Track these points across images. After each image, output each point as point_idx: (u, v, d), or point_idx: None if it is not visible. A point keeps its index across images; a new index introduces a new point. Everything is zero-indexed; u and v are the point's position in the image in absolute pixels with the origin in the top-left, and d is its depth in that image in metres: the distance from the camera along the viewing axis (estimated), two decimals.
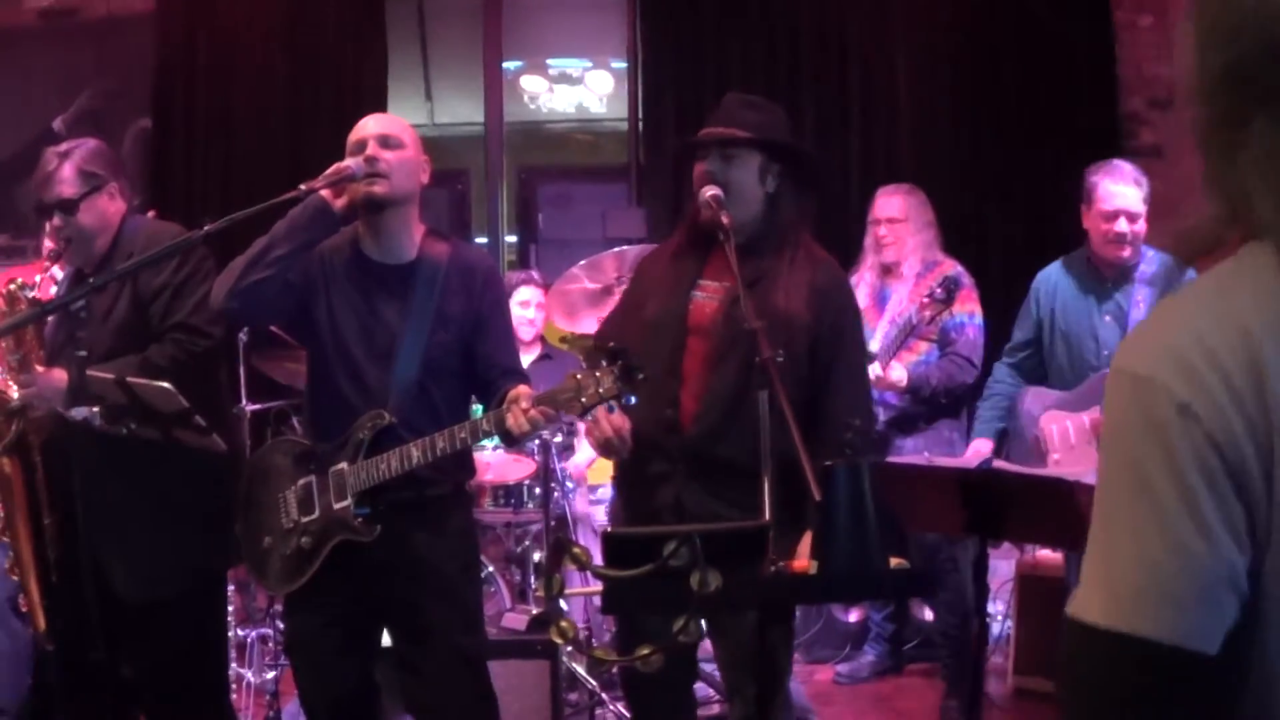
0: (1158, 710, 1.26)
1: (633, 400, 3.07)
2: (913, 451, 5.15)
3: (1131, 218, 4.49)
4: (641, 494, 3.46)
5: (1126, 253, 4.52)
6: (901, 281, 5.30)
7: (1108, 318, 4.55)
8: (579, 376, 3.08)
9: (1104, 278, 4.63)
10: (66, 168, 3.61)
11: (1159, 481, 1.23)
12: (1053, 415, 4.56)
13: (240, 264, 3.35)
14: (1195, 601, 1.23)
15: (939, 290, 4.89)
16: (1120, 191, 4.49)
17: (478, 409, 3.89)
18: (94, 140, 3.79)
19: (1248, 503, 1.22)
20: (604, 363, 3.03)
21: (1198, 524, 1.22)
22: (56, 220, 3.62)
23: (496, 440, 5.46)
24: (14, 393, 3.43)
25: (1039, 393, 4.72)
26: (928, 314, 4.96)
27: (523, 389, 3.26)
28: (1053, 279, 4.79)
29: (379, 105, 7.37)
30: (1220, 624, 1.23)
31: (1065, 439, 4.51)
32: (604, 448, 3.37)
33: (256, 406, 5.52)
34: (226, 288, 3.34)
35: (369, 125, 3.48)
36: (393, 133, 3.46)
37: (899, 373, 5.05)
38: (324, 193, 3.35)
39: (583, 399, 3.06)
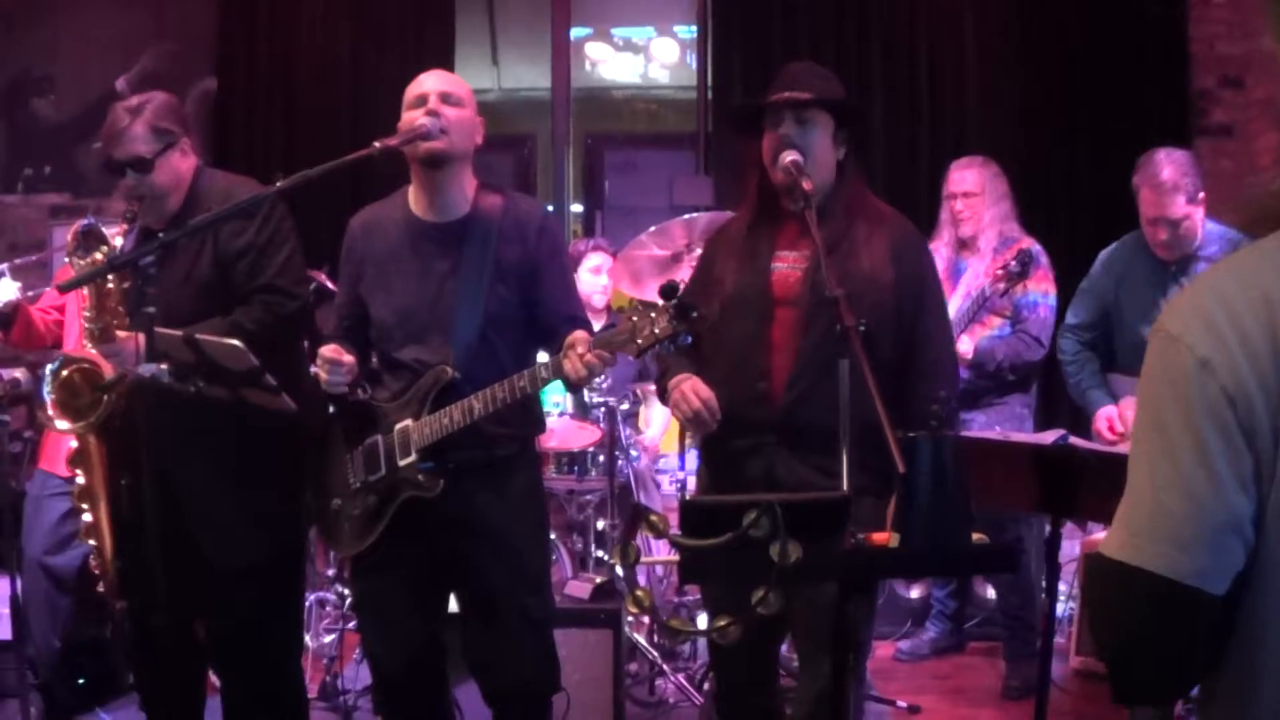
0: (1162, 637, 1.45)
1: (689, 340, 3.01)
2: (983, 426, 5.09)
3: (1172, 224, 4.40)
4: (732, 468, 3.37)
5: (1169, 254, 4.44)
6: (977, 256, 5.23)
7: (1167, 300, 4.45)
8: (634, 318, 3.02)
9: (1166, 265, 4.54)
10: (139, 125, 3.55)
11: (1176, 431, 1.41)
12: (1127, 401, 4.50)
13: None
14: (1199, 544, 1.40)
15: (1014, 264, 4.87)
16: (1156, 201, 4.41)
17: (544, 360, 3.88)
18: (162, 94, 3.71)
19: (1257, 454, 1.38)
20: (659, 302, 2.97)
21: (1208, 473, 1.39)
22: (129, 179, 3.57)
23: (562, 407, 5.49)
24: (106, 370, 3.41)
25: (1117, 379, 4.65)
26: (1001, 286, 4.92)
27: (580, 334, 3.22)
28: (1125, 259, 4.69)
29: (445, 69, 7.30)
30: (1225, 567, 1.41)
31: (1126, 422, 4.45)
32: (694, 422, 3.30)
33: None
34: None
35: (429, 81, 3.49)
36: (453, 90, 3.47)
37: (965, 345, 5.04)
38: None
39: (638, 340, 3.01)
